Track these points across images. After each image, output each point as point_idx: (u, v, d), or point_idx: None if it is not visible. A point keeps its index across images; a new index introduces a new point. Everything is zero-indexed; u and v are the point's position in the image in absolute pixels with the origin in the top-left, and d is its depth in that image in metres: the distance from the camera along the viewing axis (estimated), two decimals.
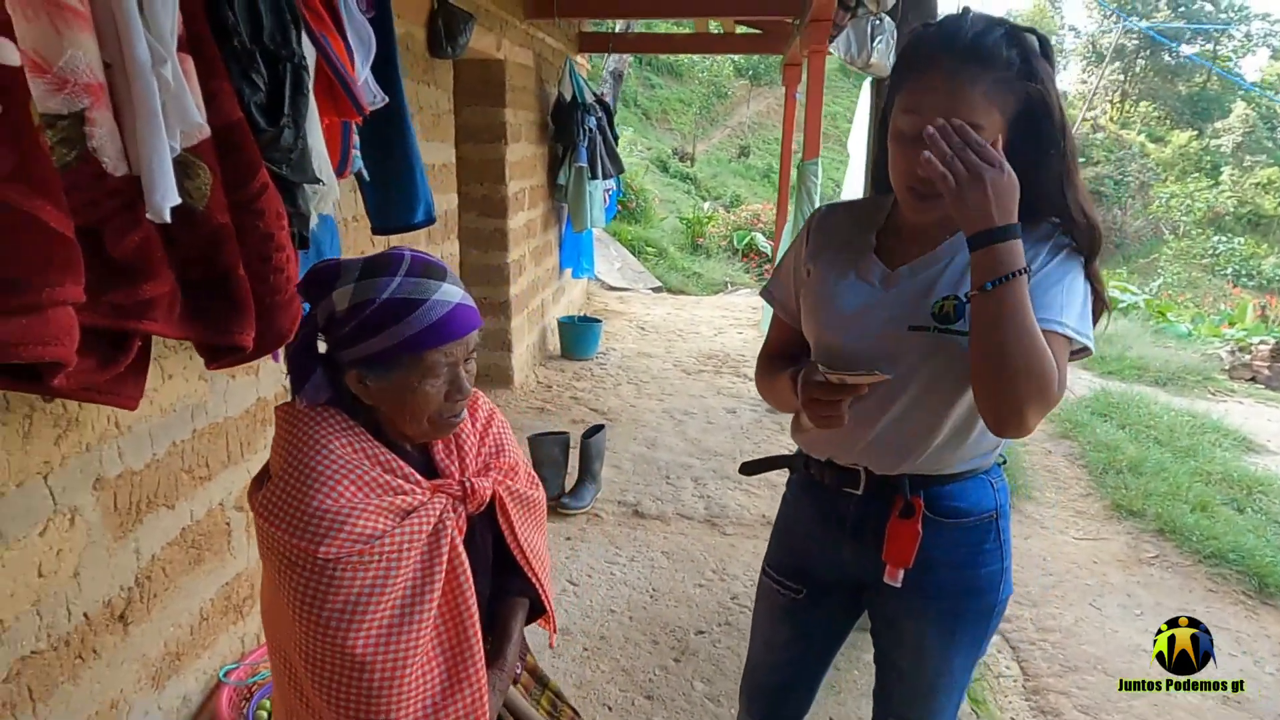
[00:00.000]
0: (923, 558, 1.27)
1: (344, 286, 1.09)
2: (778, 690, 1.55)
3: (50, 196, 0.98)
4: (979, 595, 1.30)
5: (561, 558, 3.15)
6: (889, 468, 1.28)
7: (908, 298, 1.21)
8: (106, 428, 1.65)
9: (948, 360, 1.17)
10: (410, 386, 1.10)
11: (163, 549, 1.85)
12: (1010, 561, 1.33)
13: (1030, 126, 1.11)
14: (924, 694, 1.40)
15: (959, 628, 1.32)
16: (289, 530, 1.06)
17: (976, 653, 1.37)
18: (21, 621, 1.45)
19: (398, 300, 1.07)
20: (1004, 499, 1.32)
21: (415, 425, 1.14)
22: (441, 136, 3.70)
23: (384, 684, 1.07)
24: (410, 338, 1.07)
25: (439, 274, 1.11)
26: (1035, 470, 4.77)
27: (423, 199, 2.30)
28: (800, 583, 1.43)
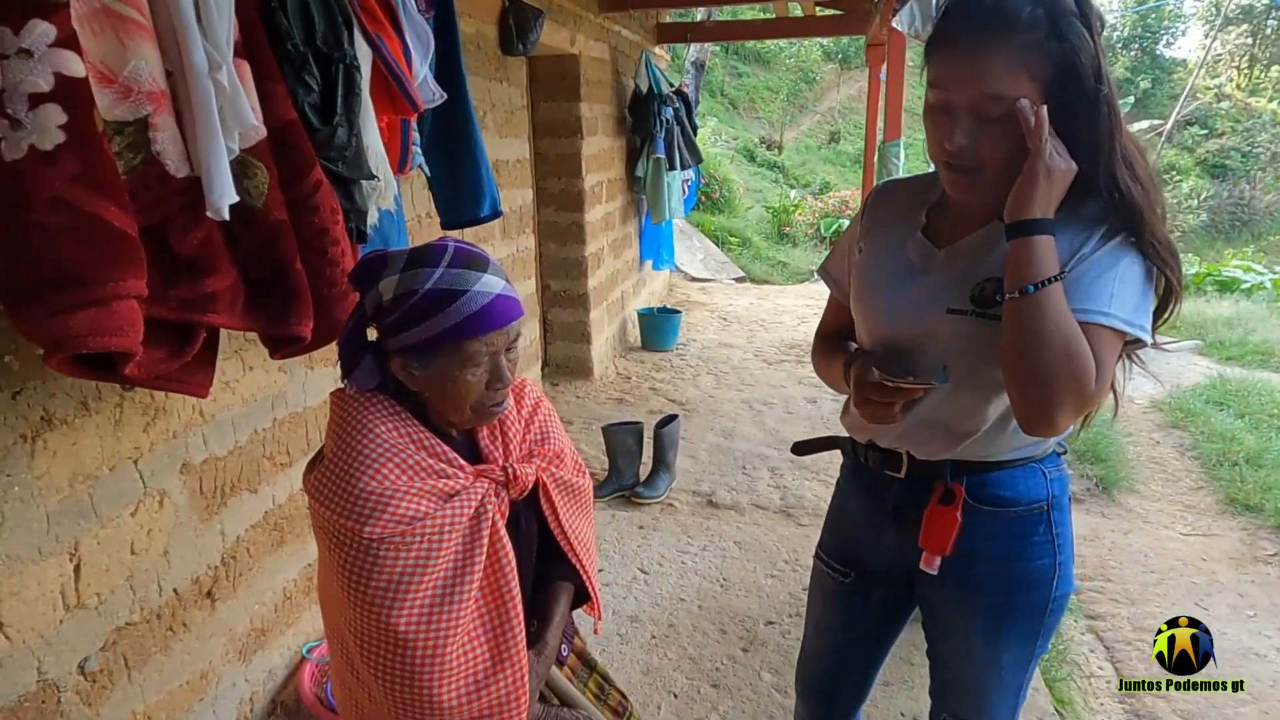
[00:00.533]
0: (965, 547, 1.22)
1: (390, 277, 1.12)
2: (829, 677, 1.52)
3: (113, 197, 1.06)
4: (1028, 590, 1.24)
5: (633, 546, 3.17)
6: (931, 453, 1.24)
7: (949, 279, 1.17)
8: (192, 416, 1.76)
9: (987, 346, 1.12)
10: (451, 375, 1.13)
11: (246, 531, 1.96)
12: (1068, 556, 1.26)
13: (1064, 92, 1.04)
14: (972, 691, 1.34)
15: (1005, 623, 1.26)
16: (336, 510, 1.11)
17: (1031, 651, 1.30)
18: (116, 595, 1.57)
19: (439, 291, 1.09)
20: (1059, 489, 1.25)
21: (458, 413, 1.18)
22: (515, 132, 3.77)
23: (425, 660, 1.10)
24: (451, 327, 1.10)
25: (480, 265, 1.14)
26: (1140, 462, 4.50)
27: (488, 193, 2.35)
28: (849, 567, 1.41)
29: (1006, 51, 1.01)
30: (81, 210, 1.02)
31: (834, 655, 1.50)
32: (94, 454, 1.50)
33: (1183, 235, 15.41)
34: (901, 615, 1.46)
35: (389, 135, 1.75)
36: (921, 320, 1.18)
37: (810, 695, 1.57)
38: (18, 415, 1.35)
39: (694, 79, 9.62)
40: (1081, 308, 1.05)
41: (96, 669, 1.53)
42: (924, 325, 1.18)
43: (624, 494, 3.56)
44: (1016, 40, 1.01)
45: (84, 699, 1.51)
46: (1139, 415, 5.31)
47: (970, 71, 1.03)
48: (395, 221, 1.90)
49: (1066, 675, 2.57)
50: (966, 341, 1.14)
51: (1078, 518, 3.80)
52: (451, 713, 1.12)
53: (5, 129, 0.99)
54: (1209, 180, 18.89)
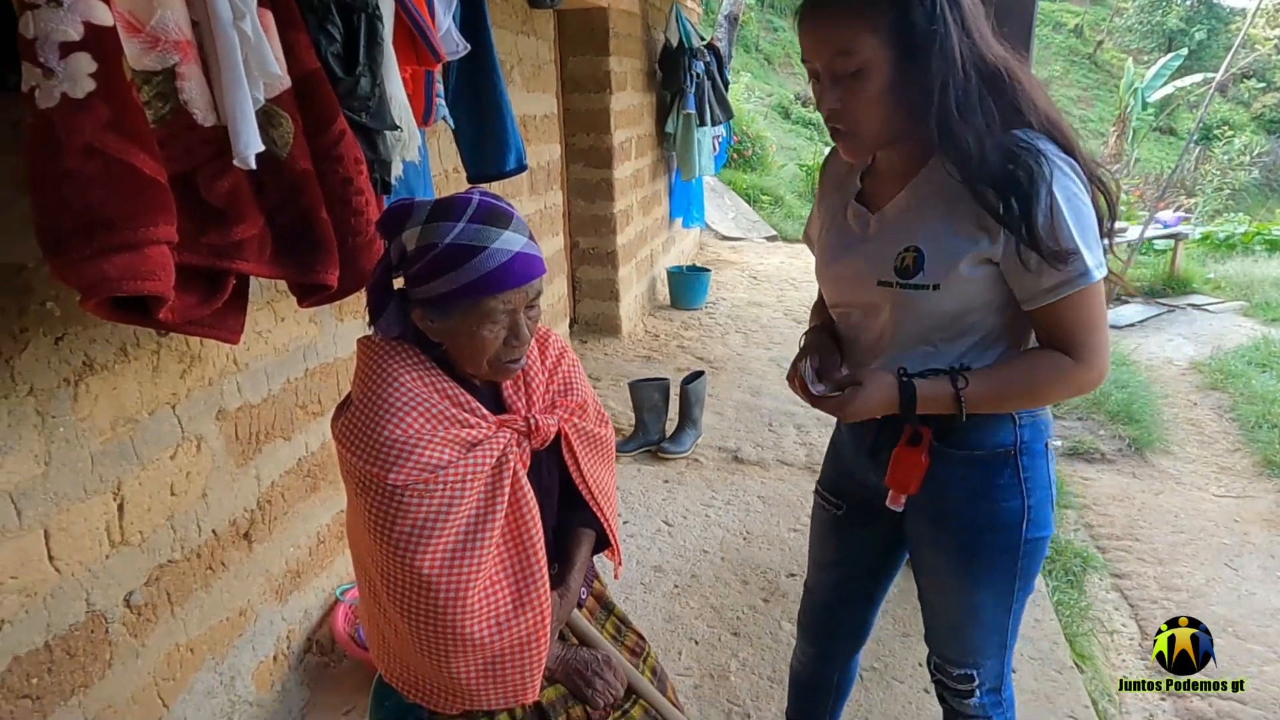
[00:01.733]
0: (933, 485, 1.26)
1: (413, 227, 1.13)
2: (828, 611, 1.58)
3: (143, 145, 1.09)
4: (994, 532, 1.27)
5: (658, 499, 3.21)
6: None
7: (879, 249, 1.21)
8: (226, 365, 1.82)
9: (917, 315, 1.18)
10: (468, 330, 1.14)
11: (281, 476, 2.03)
12: (1042, 500, 1.27)
13: (906, 37, 1.05)
14: (955, 630, 1.38)
15: (976, 562, 1.30)
16: (362, 456, 1.14)
17: (1008, 592, 1.31)
18: (158, 533, 1.65)
19: (458, 246, 1.10)
20: (1030, 435, 1.26)
21: (475, 366, 1.20)
22: (543, 87, 3.75)
23: (449, 601, 1.14)
24: (468, 283, 1.10)
25: (503, 221, 1.13)
26: (1176, 423, 4.44)
27: (513, 146, 2.35)
28: (841, 499, 1.47)
29: (848, 13, 1.07)
30: (113, 157, 1.05)
31: (833, 590, 1.55)
32: (134, 399, 1.56)
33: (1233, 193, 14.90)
34: (895, 552, 1.50)
35: (413, 87, 1.76)
36: (861, 292, 1.24)
37: (811, 632, 1.63)
38: (60, 359, 1.40)
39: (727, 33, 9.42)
40: (1047, 286, 1.10)
41: (141, 603, 1.61)
42: (865, 297, 1.24)
43: (650, 449, 3.60)
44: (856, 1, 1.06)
45: (130, 630, 1.59)
46: (1178, 377, 5.22)
47: (818, 36, 1.10)
48: (421, 174, 1.92)
49: (1088, 631, 2.58)
50: (903, 311, 1.19)
51: (1106, 478, 3.78)
52: (476, 648, 1.16)
53: (39, 77, 1.02)
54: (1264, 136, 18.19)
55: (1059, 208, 1.07)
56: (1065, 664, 2.23)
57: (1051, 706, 2.07)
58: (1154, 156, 15.06)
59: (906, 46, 1.05)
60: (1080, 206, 1.09)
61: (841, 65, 1.08)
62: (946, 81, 1.05)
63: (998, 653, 1.38)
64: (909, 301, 1.17)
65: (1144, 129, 14.07)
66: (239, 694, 1.91)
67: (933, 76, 1.05)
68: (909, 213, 1.18)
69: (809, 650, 1.66)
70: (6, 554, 1.33)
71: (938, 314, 1.17)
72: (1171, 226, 7.59)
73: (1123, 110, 13.81)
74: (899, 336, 1.22)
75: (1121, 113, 13.86)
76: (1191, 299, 6.92)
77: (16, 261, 1.31)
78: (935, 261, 1.14)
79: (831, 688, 1.68)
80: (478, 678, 1.19)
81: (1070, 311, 1.12)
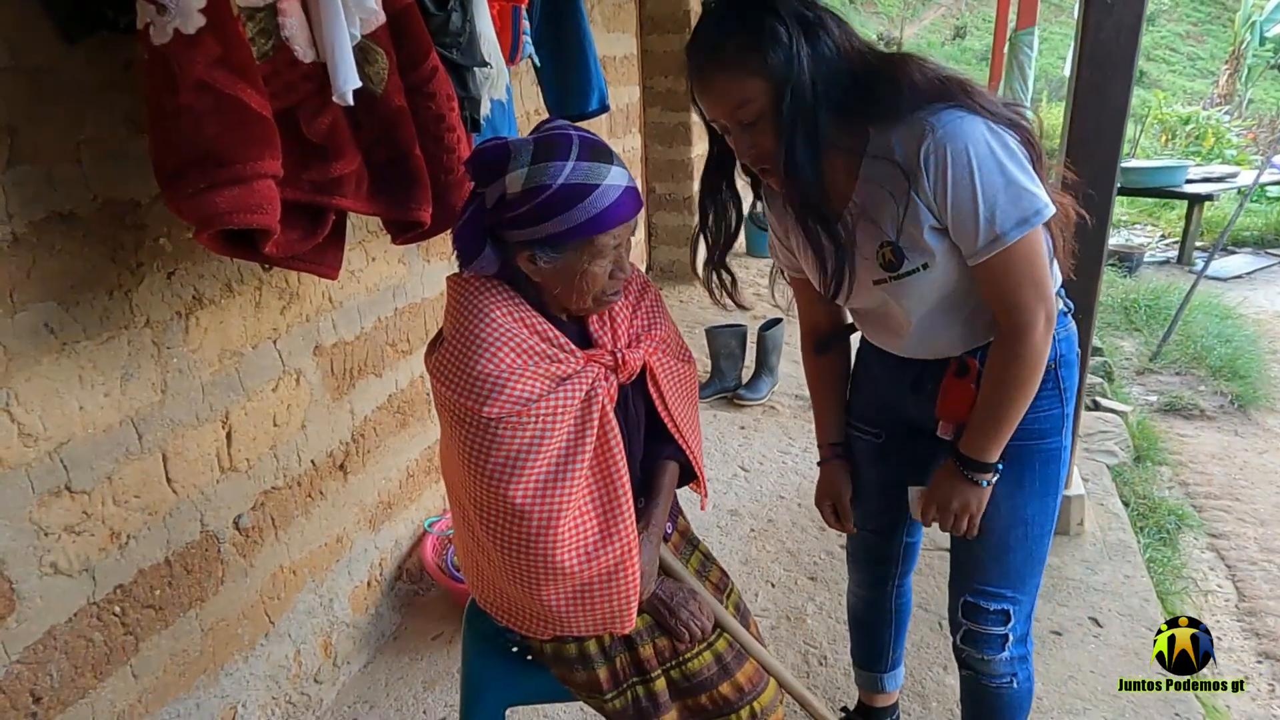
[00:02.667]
0: None
1: (517, 170, 1.11)
2: (877, 535, 1.60)
3: (251, 81, 1.11)
4: (1040, 436, 1.31)
5: (734, 445, 3.22)
6: (935, 357, 1.33)
7: (856, 256, 1.23)
8: (321, 302, 1.88)
9: (922, 294, 1.22)
10: (580, 267, 1.16)
11: (373, 411, 2.11)
12: (1072, 410, 1.34)
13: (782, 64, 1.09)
14: (1000, 551, 1.36)
15: (1024, 469, 1.32)
16: (457, 390, 1.17)
17: (1050, 508, 1.36)
18: (263, 461, 1.73)
19: (572, 186, 1.10)
20: (1066, 348, 1.32)
21: (580, 301, 1.21)
22: (623, 27, 3.70)
23: (541, 530, 1.17)
24: (585, 222, 1.11)
25: (607, 156, 1.15)
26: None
27: (596, 87, 2.33)
28: (878, 427, 1.50)
29: (726, 66, 1.11)
30: (223, 93, 1.08)
31: (880, 516, 1.58)
32: (238, 332, 1.63)
33: None
34: (931, 467, 1.48)
35: (500, 24, 1.75)
36: (863, 297, 1.28)
37: (862, 562, 1.67)
38: (172, 293, 1.48)
39: None
40: (980, 247, 1.13)
41: (249, 525, 1.70)
42: (869, 301, 1.29)
43: (726, 395, 3.59)
44: (728, 52, 1.11)
45: (239, 550, 1.69)
46: None
47: (713, 95, 1.14)
48: (506, 113, 1.92)
49: (1181, 590, 2.50)
50: (907, 297, 1.23)
51: (1206, 435, 3.62)
52: (566, 577, 1.19)
53: (152, 14, 1.05)
54: None
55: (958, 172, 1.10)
56: (1156, 621, 2.16)
57: (1140, 663, 2.02)
58: (1269, 97, 13.94)
59: (779, 83, 1.10)
60: (989, 161, 1.10)
61: (744, 115, 1.13)
62: (797, 120, 1.11)
63: (1033, 588, 1.40)
64: (909, 288, 1.22)
65: (1260, 66, 13.00)
66: (337, 615, 2.02)
67: (787, 113, 1.10)
68: (867, 212, 1.21)
69: (864, 580, 1.69)
70: (130, 474, 1.42)
71: (941, 285, 1.21)
72: None
73: (1237, 46, 12.80)
74: (914, 314, 1.26)
75: (1235, 49, 12.86)
76: None
77: (132, 198, 1.37)
78: (911, 246, 1.18)
79: (890, 617, 1.71)
80: (567, 605, 1.22)
81: (1002, 268, 1.15)
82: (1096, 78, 2.08)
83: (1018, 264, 1.14)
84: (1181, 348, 4.41)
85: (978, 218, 1.11)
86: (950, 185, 1.10)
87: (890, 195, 1.16)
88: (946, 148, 1.09)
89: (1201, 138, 9.56)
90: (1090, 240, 2.21)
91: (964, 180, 1.10)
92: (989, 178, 1.10)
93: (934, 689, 1.99)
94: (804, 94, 1.10)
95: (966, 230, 1.13)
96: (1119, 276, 5.72)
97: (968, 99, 1.12)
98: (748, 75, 1.10)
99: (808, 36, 1.10)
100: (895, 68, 1.14)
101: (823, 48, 1.11)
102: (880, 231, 1.20)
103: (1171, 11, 18.08)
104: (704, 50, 1.14)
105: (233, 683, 1.70)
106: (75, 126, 1.26)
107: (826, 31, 1.11)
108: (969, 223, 1.12)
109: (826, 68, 1.11)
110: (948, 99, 1.12)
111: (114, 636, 1.42)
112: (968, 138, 1.09)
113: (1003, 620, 1.39)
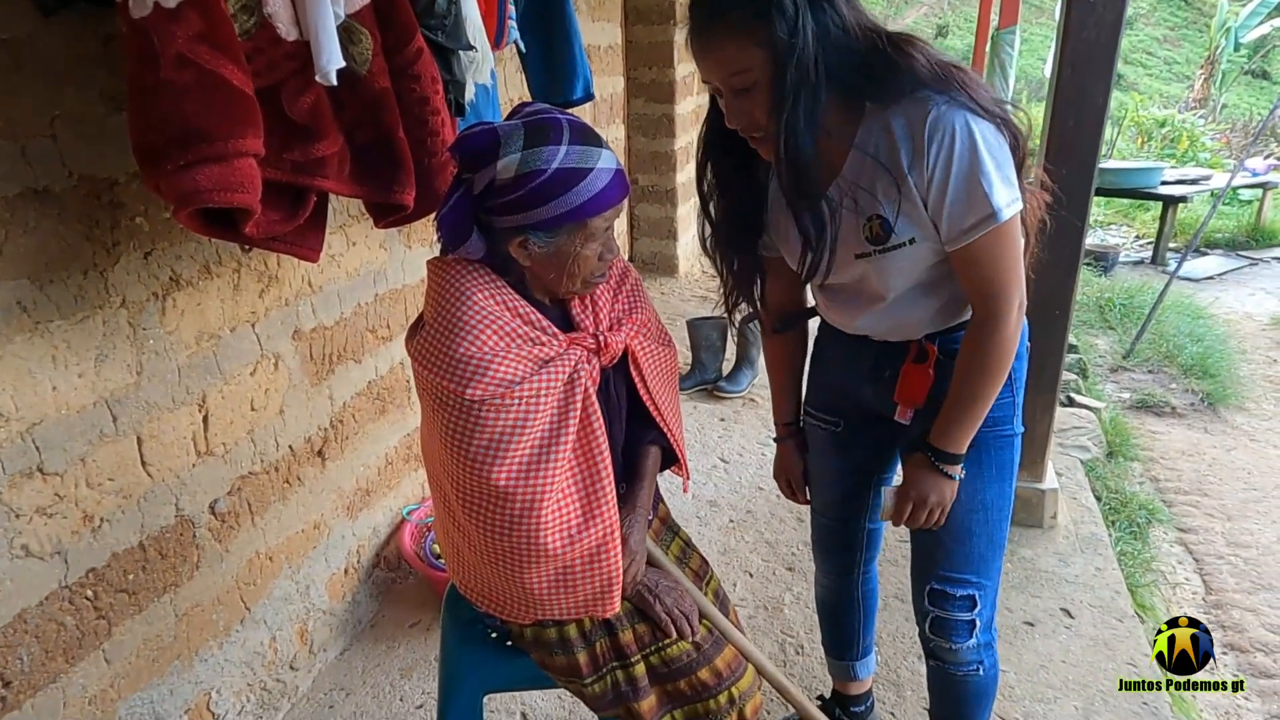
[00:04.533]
0: (937, 394, 1.31)
1: (509, 156, 1.10)
2: (841, 523, 1.62)
3: (233, 57, 1.10)
4: (995, 424, 1.33)
5: (714, 436, 3.23)
6: (902, 337, 1.33)
7: (842, 228, 1.22)
8: (301, 286, 1.86)
9: (902, 269, 1.22)
10: (572, 251, 1.16)
11: (352, 398, 2.09)
12: (1021, 398, 1.37)
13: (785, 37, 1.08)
14: (962, 537, 1.38)
15: (981, 454, 1.34)
16: (439, 373, 1.16)
17: (1006, 494, 1.38)
18: (240, 446, 1.71)
19: (567, 170, 1.10)
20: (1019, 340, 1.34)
21: (570, 284, 1.21)
22: (608, 16, 3.68)
23: (524, 512, 1.17)
24: (580, 205, 1.12)
25: (596, 139, 1.15)
26: (1253, 380, 4.28)
27: (581, 75, 2.31)
28: (836, 416, 1.51)
29: (728, 32, 1.10)
30: (204, 68, 1.06)
31: (842, 505, 1.60)
32: (216, 315, 1.61)
33: None
34: (889, 453, 1.53)
35: (486, 7, 1.73)
36: (843, 273, 1.28)
37: (828, 550, 1.69)
38: (149, 274, 1.45)
39: None
40: (969, 225, 1.14)
41: (225, 510, 1.68)
42: (846, 276, 1.28)
43: (706, 387, 3.60)
44: (732, 19, 1.09)
45: (215, 536, 1.67)
46: (1257, 332, 5.01)
47: (710, 60, 1.14)
48: (490, 98, 1.90)
49: (1150, 582, 2.55)
50: (889, 274, 1.24)
51: (1176, 432, 3.68)
52: (549, 559, 1.19)
53: None
54: None
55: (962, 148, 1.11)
56: (1126, 613, 2.20)
57: (1111, 653, 2.06)
58: (1243, 102, 14.16)
59: (779, 55, 1.09)
60: (992, 140, 1.12)
61: (739, 81, 1.12)
62: (799, 94, 1.09)
63: (995, 573, 1.42)
64: (892, 261, 1.22)
65: (1234, 72, 13.23)
66: (313, 602, 2.01)
67: (789, 86, 1.09)
68: (856, 185, 1.21)
69: (830, 568, 1.71)
70: (104, 457, 1.40)
71: (925, 259, 1.22)
72: (1260, 175, 7.18)
73: (1212, 51, 13.00)
74: (893, 289, 1.26)
75: (1211, 54, 13.05)
76: (1277, 252, 6.58)
77: (109, 176, 1.35)
78: (901, 219, 1.18)
79: (858, 604, 1.73)
80: (549, 588, 1.23)
81: (984, 253, 1.16)
82: (1077, 77, 2.10)
83: (1005, 246, 1.16)
84: (1154, 346, 4.48)
85: (975, 194, 1.12)
86: (955, 160, 1.11)
87: (885, 168, 1.16)
88: (954, 125, 1.10)
89: (1176, 140, 9.71)
90: (1068, 238, 2.25)
91: (966, 156, 1.11)
92: (994, 153, 1.12)
93: (909, 678, 2.01)
94: (806, 68, 1.08)
95: (958, 207, 1.13)
96: (1094, 275, 5.80)
97: (964, 90, 1.12)
98: (750, 44, 1.09)
99: (813, 9, 1.08)
100: (898, 49, 1.13)
101: (828, 22, 1.09)
102: (871, 204, 1.20)
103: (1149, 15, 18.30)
104: (707, 12, 1.12)
105: (207, 669, 1.69)
106: (51, 101, 1.24)
107: (833, 5, 1.10)
108: (963, 199, 1.12)
109: (830, 43, 1.10)
110: (946, 87, 1.12)
111: (86, 621, 1.40)
112: (970, 119, 1.11)
113: (969, 605, 1.40)
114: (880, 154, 1.17)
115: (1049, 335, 2.35)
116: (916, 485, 1.31)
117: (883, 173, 1.17)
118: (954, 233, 1.16)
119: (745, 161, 1.29)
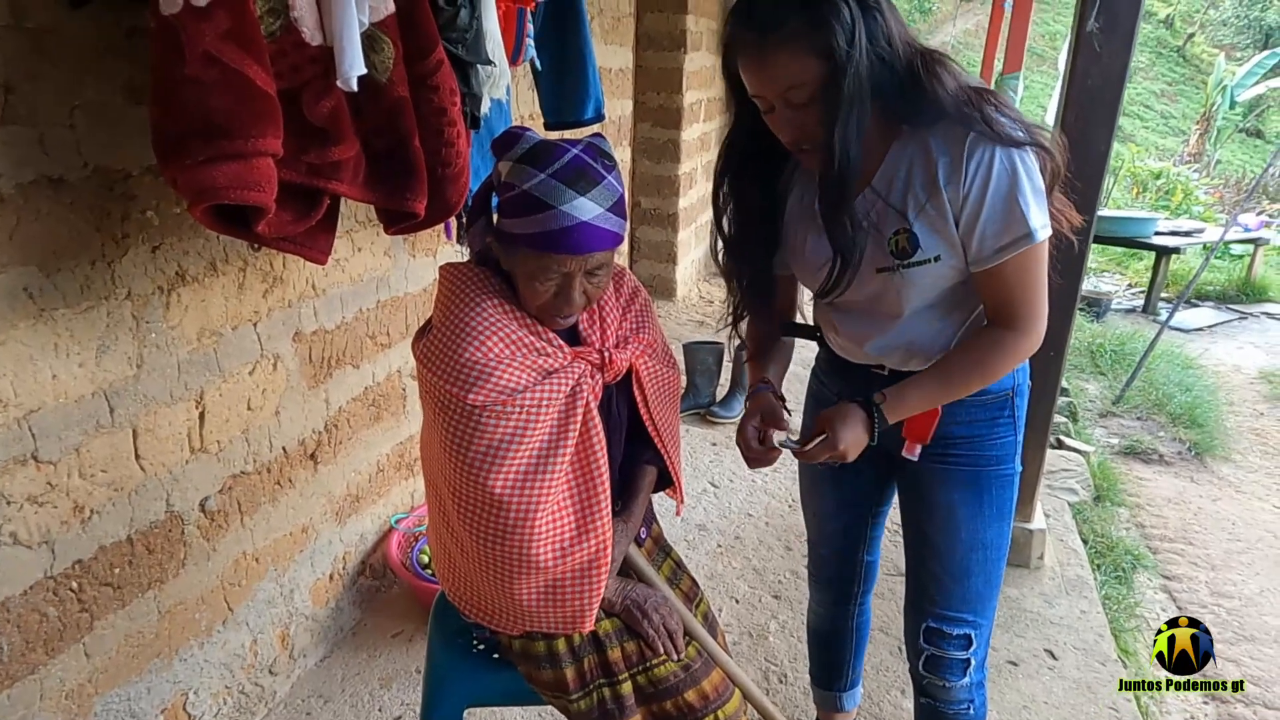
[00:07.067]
0: (943, 431, 1.31)
1: (508, 160, 1.15)
2: (838, 555, 1.62)
3: (258, 58, 1.11)
4: (997, 462, 1.35)
5: (705, 461, 3.23)
6: (912, 366, 1.32)
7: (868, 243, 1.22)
8: (304, 289, 1.86)
9: (924, 289, 1.22)
10: (525, 274, 1.17)
11: (348, 402, 2.08)
12: (1021, 436, 1.38)
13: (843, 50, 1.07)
14: (960, 573, 1.38)
15: (983, 492, 1.35)
16: (443, 377, 1.17)
17: (1005, 533, 1.38)
18: (234, 444, 1.71)
19: (531, 197, 1.11)
20: (1023, 377, 1.36)
21: (528, 306, 1.22)
22: (620, 40, 3.72)
23: (518, 522, 1.17)
24: (529, 235, 1.12)
25: (584, 185, 1.11)
26: (1240, 432, 4.31)
27: (593, 96, 2.34)
28: None
29: (785, 43, 1.08)
30: (229, 66, 1.07)
31: (838, 538, 1.60)
32: (219, 312, 1.61)
33: None
34: (887, 485, 1.54)
35: (505, 24, 1.76)
36: (863, 287, 1.26)
37: (824, 581, 1.69)
38: (156, 268, 1.45)
39: None
40: (994, 248, 1.14)
41: (215, 509, 1.67)
42: (866, 291, 1.26)
43: (700, 412, 3.61)
44: (790, 30, 1.07)
45: (203, 534, 1.66)
46: (1245, 385, 5.06)
47: (768, 73, 1.11)
48: (504, 113, 1.92)
49: (1134, 627, 2.55)
50: (910, 289, 1.23)
51: (1163, 479, 3.70)
52: (540, 571, 1.19)
53: None
54: None
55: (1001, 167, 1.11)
56: (1109, 656, 2.20)
57: (1093, 696, 2.06)
58: (1236, 159, 14.38)
59: (836, 66, 1.08)
60: (1020, 169, 1.12)
61: (796, 96, 1.11)
62: (853, 105, 1.08)
63: (991, 612, 1.42)
64: (916, 277, 1.21)
65: (1229, 129, 13.45)
66: (297, 606, 1.99)
67: (844, 97, 1.08)
68: (882, 199, 1.20)
69: (825, 599, 1.71)
70: (99, 448, 1.39)
71: (943, 280, 1.22)
72: (1253, 231, 7.29)
73: (1208, 108, 13.22)
74: (911, 305, 1.25)
75: (1207, 110, 13.28)
76: (1267, 307, 6.66)
77: (124, 168, 1.35)
78: (929, 235, 1.18)
79: (850, 636, 1.72)
80: (538, 601, 1.22)
81: (1014, 274, 1.16)
82: (1081, 123, 2.14)
83: (1035, 267, 1.16)
84: (1144, 394, 4.52)
85: (1012, 213, 1.12)
86: (993, 179, 1.11)
87: (919, 183, 1.16)
88: (995, 146, 1.11)
89: (1171, 193, 9.85)
90: (1066, 281, 2.28)
91: (1005, 177, 1.11)
92: (1031, 176, 1.13)
93: (891, 712, 2.00)
94: (861, 78, 1.08)
95: (993, 226, 1.13)
96: (1087, 321, 5.85)
97: (997, 114, 1.12)
98: (808, 55, 1.07)
99: (866, 19, 1.08)
100: (929, 69, 1.13)
101: (878, 32, 1.09)
102: (898, 218, 1.19)
103: (1148, 70, 18.61)
104: (761, 25, 1.10)
105: (186, 668, 1.67)
106: (72, 91, 1.25)
107: (883, 16, 1.10)
108: (1000, 218, 1.12)
109: (877, 54, 1.09)
110: (977, 113, 1.12)
111: (69, 613, 1.39)
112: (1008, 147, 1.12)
113: (965, 644, 1.40)
114: (915, 167, 1.16)
115: (1043, 376, 2.37)
116: (845, 422, 1.24)
117: (915, 186, 1.17)
118: (986, 252, 1.15)
119: (766, 174, 1.29)
